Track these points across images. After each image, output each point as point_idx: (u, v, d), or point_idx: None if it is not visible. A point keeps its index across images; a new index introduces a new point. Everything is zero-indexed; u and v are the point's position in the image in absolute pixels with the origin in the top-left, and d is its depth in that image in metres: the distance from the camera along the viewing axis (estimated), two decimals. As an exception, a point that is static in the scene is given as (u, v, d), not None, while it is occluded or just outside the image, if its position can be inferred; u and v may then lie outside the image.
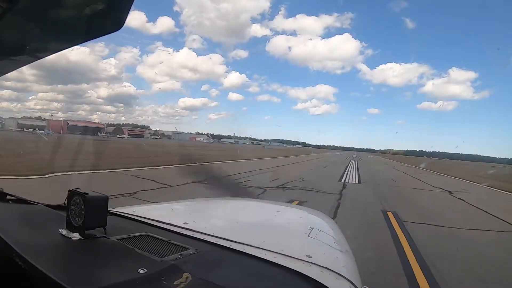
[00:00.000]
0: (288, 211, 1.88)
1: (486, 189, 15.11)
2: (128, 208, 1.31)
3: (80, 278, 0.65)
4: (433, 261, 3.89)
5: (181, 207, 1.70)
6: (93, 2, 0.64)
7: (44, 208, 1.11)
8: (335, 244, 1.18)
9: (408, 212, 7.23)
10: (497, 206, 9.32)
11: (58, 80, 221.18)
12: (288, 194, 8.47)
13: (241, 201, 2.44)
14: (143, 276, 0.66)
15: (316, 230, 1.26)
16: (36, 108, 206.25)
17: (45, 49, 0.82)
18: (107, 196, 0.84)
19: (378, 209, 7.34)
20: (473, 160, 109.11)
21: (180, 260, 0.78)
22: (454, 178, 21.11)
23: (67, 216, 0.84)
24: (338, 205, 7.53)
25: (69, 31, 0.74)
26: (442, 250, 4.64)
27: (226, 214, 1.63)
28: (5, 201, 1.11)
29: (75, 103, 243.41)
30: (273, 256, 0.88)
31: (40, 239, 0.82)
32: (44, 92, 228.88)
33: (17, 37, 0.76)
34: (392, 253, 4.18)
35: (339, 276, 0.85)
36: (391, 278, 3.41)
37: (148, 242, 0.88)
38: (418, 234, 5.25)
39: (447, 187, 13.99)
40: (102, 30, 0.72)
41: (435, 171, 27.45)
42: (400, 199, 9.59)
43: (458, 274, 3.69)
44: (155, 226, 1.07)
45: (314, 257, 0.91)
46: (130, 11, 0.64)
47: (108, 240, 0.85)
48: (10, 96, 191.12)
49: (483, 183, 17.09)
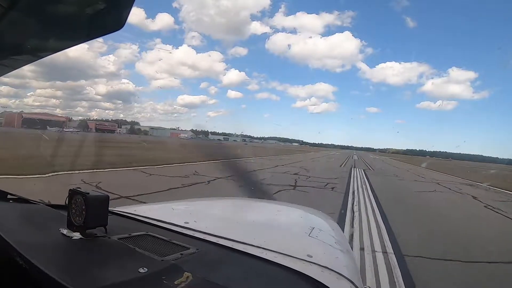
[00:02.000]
0: (289, 211, 1.88)
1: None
2: (129, 207, 1.32)
3: (81, 277, 0.65)
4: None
5: (181, 207, 1.70)
6: (94, 2, 0.64)
7: (44, 207, 1.12)
8: (336, 244, 1.18)
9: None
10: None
11: (57, 77, 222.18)
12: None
13: (242, 201, 2.45)
14: (144, 276, 0.66)
15: (317, 229, 1.26)
16: (34, 105, 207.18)
17: (47, 48, 0.82)
18: (108, 196, 0.84)
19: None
20: (474, 160, 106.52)
21: (181, 259, 0.78)
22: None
23: (68, 215, 0.84)
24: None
25: (70, 31, 0.74)
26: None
27: (227, 214, 1.63)
28: (6, 200, 1.11)
29: (73, 100, 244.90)
30: (274, 256, 0.88)
31: (41, 238, 0.82)
32: (42, 88, 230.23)
33: (18, 37, 0.77)
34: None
35: (340, 276, 0.85)
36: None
37: (149, 242, 0.88)
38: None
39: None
40: (103, 30, 0.72)
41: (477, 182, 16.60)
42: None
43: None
44: (155, 225, 1.07)
45: (314, 257, 0.91)
46: (131, 10, 0.64)
47: (109, 239, 0.85)
48: (9, 93, 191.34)
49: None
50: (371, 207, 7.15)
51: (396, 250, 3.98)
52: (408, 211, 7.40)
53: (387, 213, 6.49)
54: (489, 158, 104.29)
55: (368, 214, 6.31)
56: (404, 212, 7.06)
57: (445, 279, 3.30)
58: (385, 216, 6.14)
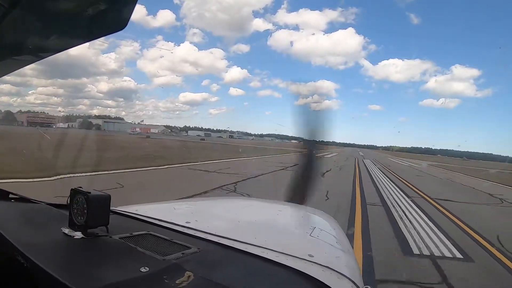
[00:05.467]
0: (290, 210, 1.88)
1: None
2: (130, 207, 1.32)
3: (83, 276, 0.65)
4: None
5: (183, 206, 1.70)
6: (97, 2, 0.64)
7: (46, 207, 1.12)
8: (337, 244, 1.18)
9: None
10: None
11: (58, 75, 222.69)
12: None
13: (243, 200, 2.45)
14: (145, 275, 0.66)
15: (318, 229, 1.26)
16: (36, 103, 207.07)
17: (48, 48, 0.82)
18: (109, 195, 0.84)
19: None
20: (485, 159, 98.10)
21: (182, 259, 0.78)
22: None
23: (69, 214, 0.84)
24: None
25: (72, 31, 0.74)
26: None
27: (228, 213, 1.63)
28: (8, 200, 1.12)
29: (75, 98, 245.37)
30: (275, 256, 0.88)
31: (43, 237, 0.82)
32: (44, 86, 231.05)
33: (20, 37, 0.77)
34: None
35: (341, 276, 0.85)
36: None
37: (150, 241, 0.89)
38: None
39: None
40: (106, 30, 0.72)
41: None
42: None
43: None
44: (157, 225, 1.08)
45: (316, 256, 0.92)
46: (133, 10, 0.65)
47: (110, 239, 0.85)
48: (10, 91, 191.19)
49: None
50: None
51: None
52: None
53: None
54: (499, 157, 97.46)
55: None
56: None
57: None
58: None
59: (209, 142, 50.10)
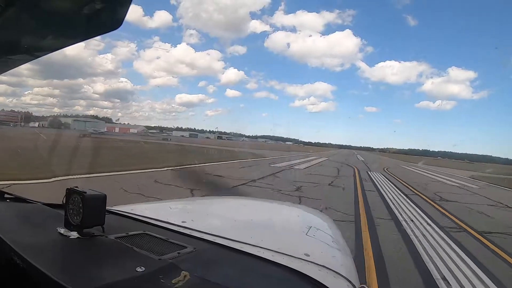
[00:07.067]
0: (286, 210, 1.89)
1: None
2: (126, 206, 1.32)
3: (78, 276, 0.65)
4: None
5: (179, 206, 1.70)
6: (92, 1, 0.64)
7: (42, 206, 1.11)
8: (333, 243, 1.18)
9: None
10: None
11: (54, 75, 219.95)
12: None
13: (239, 200, 2.45)
14: (141, 275, 0.66)
15: (314, 228, 1.27)
16: (32, 103, 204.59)
17: (44, 48, 0.82)
18: (105, 195, 0.84)
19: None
20: (483, 161, 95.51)
21: (178, 258, 0.78)
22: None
23: (65, 214, 0.84)
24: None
25: (67, 30, 0.74)
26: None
27: (224, 213, 1.63)
28: (3, 200, 1.11)
29: (71, 98, 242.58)
30: (271, 255, 0.88)
31: (39, 237, 0.82)
32: (39, 87, 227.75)
33: (15, 36, 0.76)
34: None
35: (337, 275, 0.85)
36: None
37: (146, 241, 0.88)
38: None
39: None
40: (101, 29, 0.72)
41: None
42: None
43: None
44: (153, 224, 1.07)
45: (312, 255, 0.92)
46: (128, 9, 0.64)
47: (106, 238, 0.85)
48: (6, 91, 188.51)
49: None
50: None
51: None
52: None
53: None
54: (499, 159, 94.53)
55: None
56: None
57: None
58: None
59: (170, 143, 36.76)
